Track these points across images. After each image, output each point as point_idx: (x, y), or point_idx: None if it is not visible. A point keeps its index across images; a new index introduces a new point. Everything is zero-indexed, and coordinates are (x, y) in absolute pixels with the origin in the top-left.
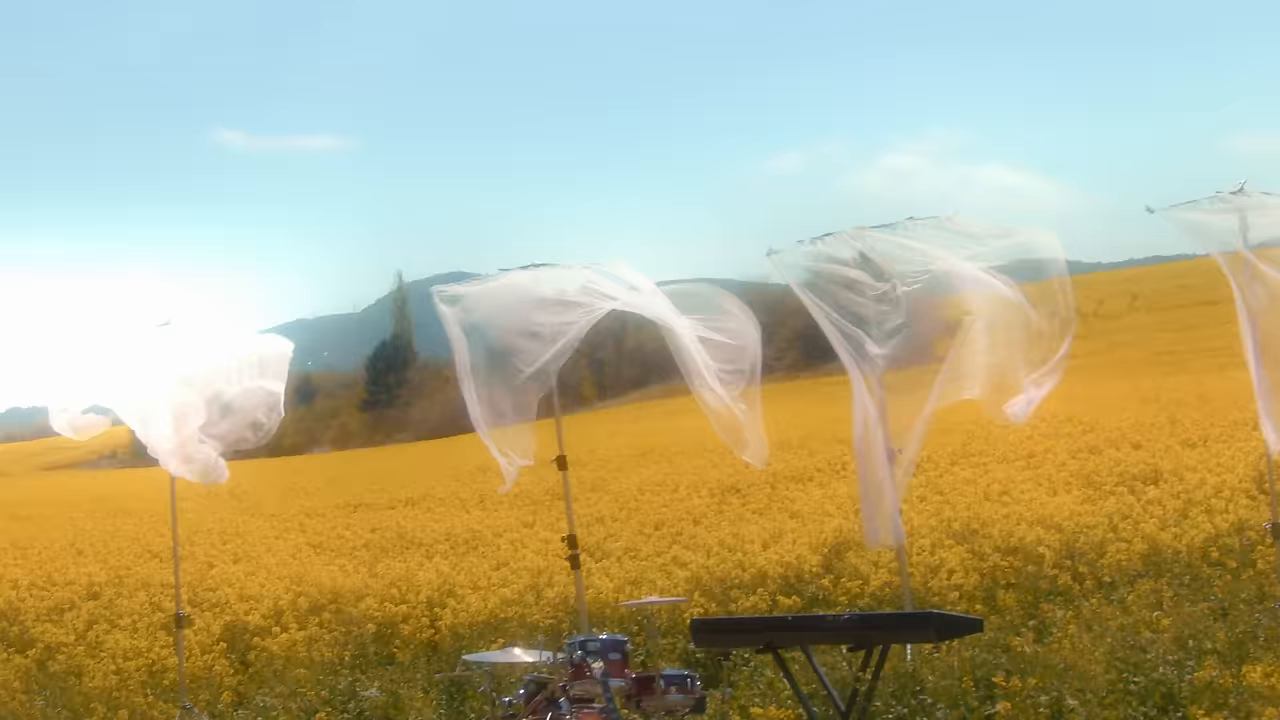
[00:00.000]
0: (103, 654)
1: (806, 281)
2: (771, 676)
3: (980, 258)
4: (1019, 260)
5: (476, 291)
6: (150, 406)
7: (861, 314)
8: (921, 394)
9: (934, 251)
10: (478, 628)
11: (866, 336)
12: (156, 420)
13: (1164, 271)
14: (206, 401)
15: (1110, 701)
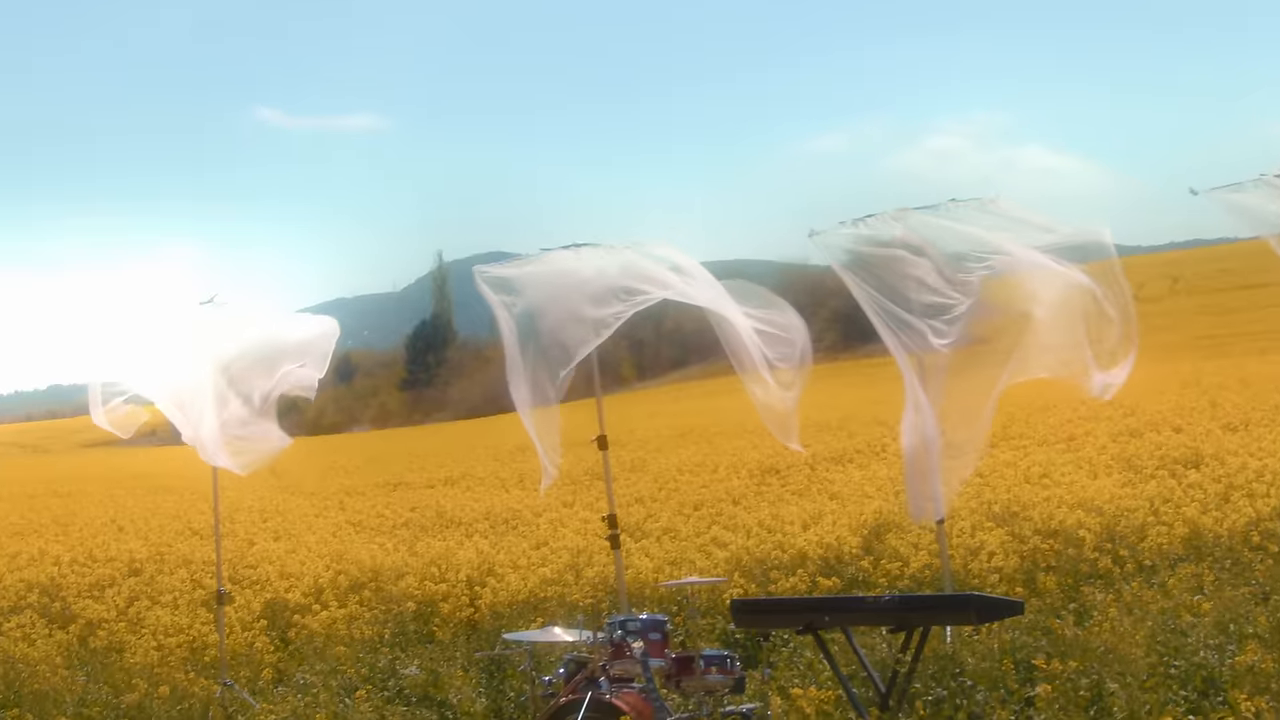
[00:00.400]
0: (144, 630)
1: (848, 263)
2: (811, 657)
3: (1031, 242)
4: (1070, 245)
5: (524, 275)
6: (190, 394)
7: (919, 299)
8: (985, 374)
9: (992, 237)
10: (517, 607)
11: (925, 324)
12: (195, 408)
13: (1205, 255)
14: (242, 394)
15: (1151, 685)
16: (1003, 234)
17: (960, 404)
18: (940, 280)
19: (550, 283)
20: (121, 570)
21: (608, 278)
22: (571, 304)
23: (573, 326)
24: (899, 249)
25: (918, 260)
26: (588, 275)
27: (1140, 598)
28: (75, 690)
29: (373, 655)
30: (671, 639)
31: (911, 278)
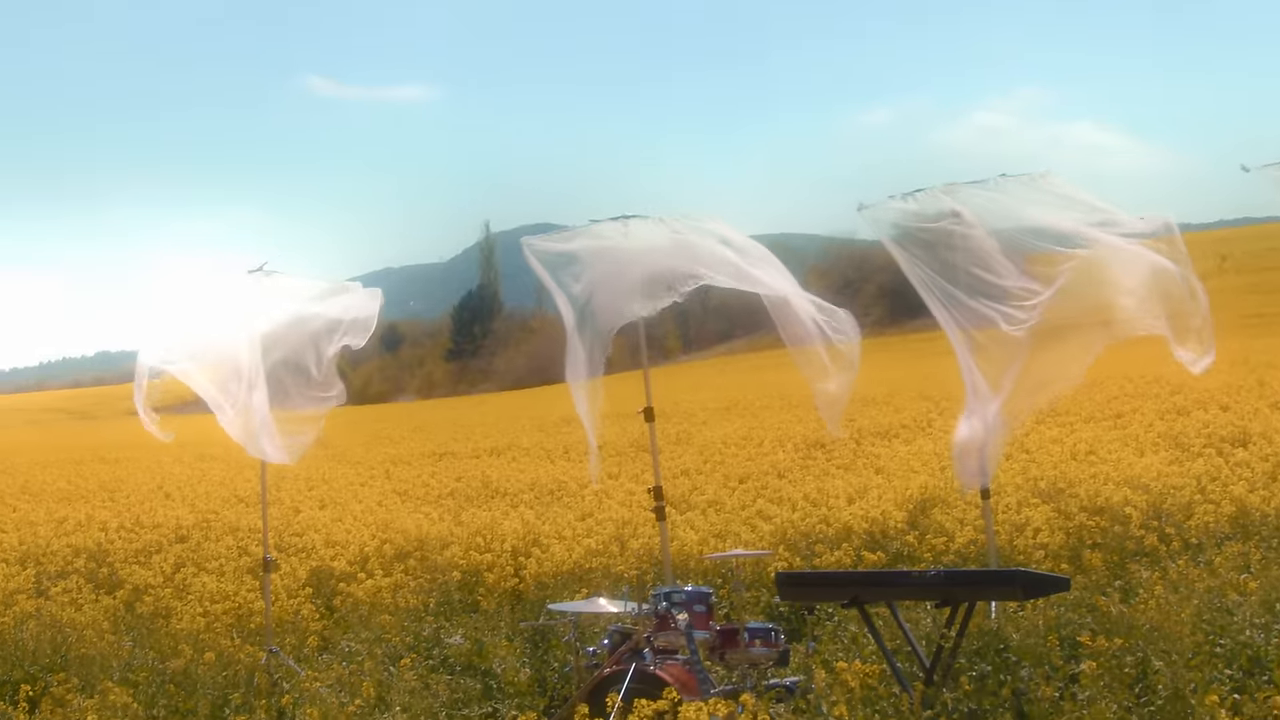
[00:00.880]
0: (190, 596)
1: (898, 237)
2: (855, 631)
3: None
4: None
5: (573, 249)
6: (233, 373)
7: (986, 279)
8: (1076, 343)
9: (1068, 223)
10: (562, 577)
11: (994, 308)
12: (239, 390)
13: (1254, 233)
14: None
15: (1196, 663)
16: (1072, 217)
17: (1028, 379)
18: (1007, 262)
19: (600, 259)
20: (168, 537)
21: (660, 257)
22: (623, 285)
23: (623, 304)
24: (954, 225)
25: (978, 239)
26: (639, 253)
27: (1186, 576)
28: (122, 655)
29: (417, 624)
30: (716, 611)
31: (973, 256)
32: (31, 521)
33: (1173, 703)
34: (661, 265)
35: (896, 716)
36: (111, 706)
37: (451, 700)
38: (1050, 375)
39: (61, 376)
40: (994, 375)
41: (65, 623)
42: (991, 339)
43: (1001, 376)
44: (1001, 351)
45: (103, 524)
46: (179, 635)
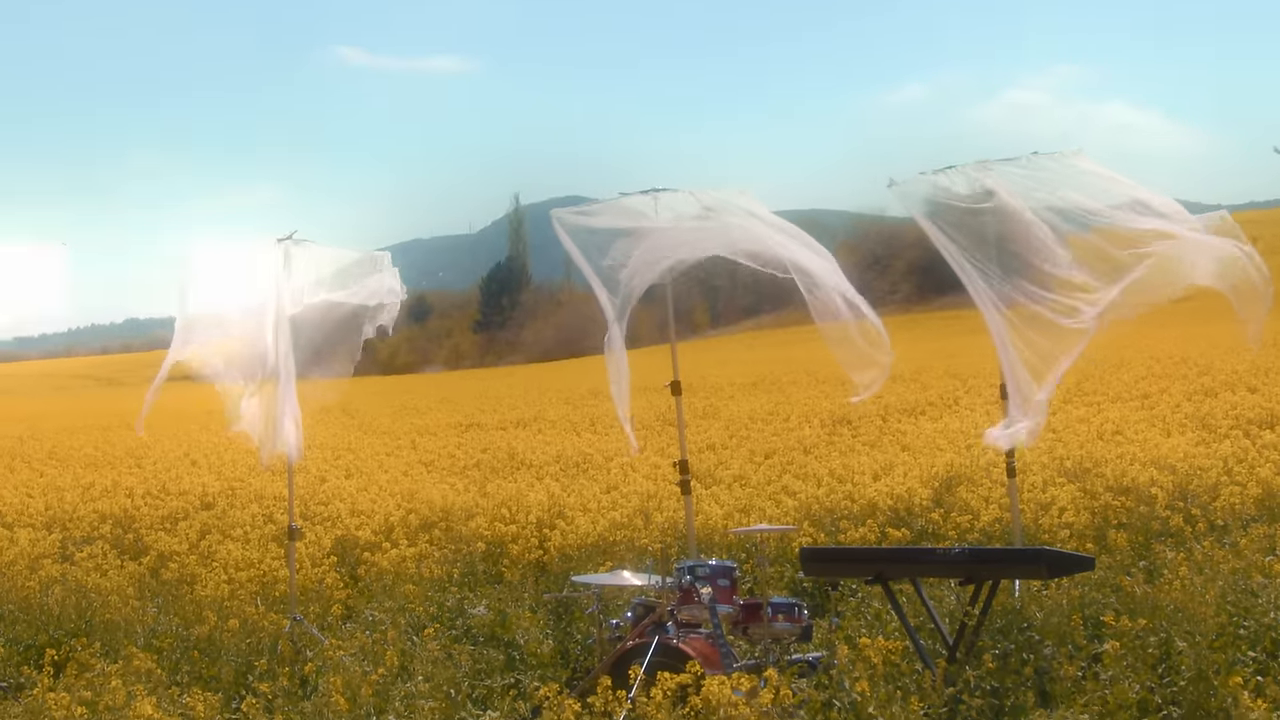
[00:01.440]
0: (215, 564)
1: (930, 213)
2: (879, 608)
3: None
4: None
5: (602, 223)
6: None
7: (1042, 269)
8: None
9: (1143, 220)
10: (586, 550)
11: (1051, 297)
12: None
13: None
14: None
15: (1220, 645)
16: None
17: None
18: (1054, 246)
19: (630, 232)
20: (194, 504)
21: (690, 234)
22: (653, 258)
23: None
24: (990, 203)
25: (1018, 216)
26: (666, 227)
27: (1211, 557)
28: (146, 621)
29: (441, 594)
30: (740, 586)
31: (1013, 234)
32: (58, 487)
33: (1195, 684)
34: (692, 242)
35: (919, 693)
36: (135, 672)
37: (474, 671)
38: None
39: (90, 343)
40: (1036, 363)
41: (90, 588)
42: (1040, 328)
43: (1050, 368)
44: (1051, 341)
45: (129, 490)
46: (203, 602)
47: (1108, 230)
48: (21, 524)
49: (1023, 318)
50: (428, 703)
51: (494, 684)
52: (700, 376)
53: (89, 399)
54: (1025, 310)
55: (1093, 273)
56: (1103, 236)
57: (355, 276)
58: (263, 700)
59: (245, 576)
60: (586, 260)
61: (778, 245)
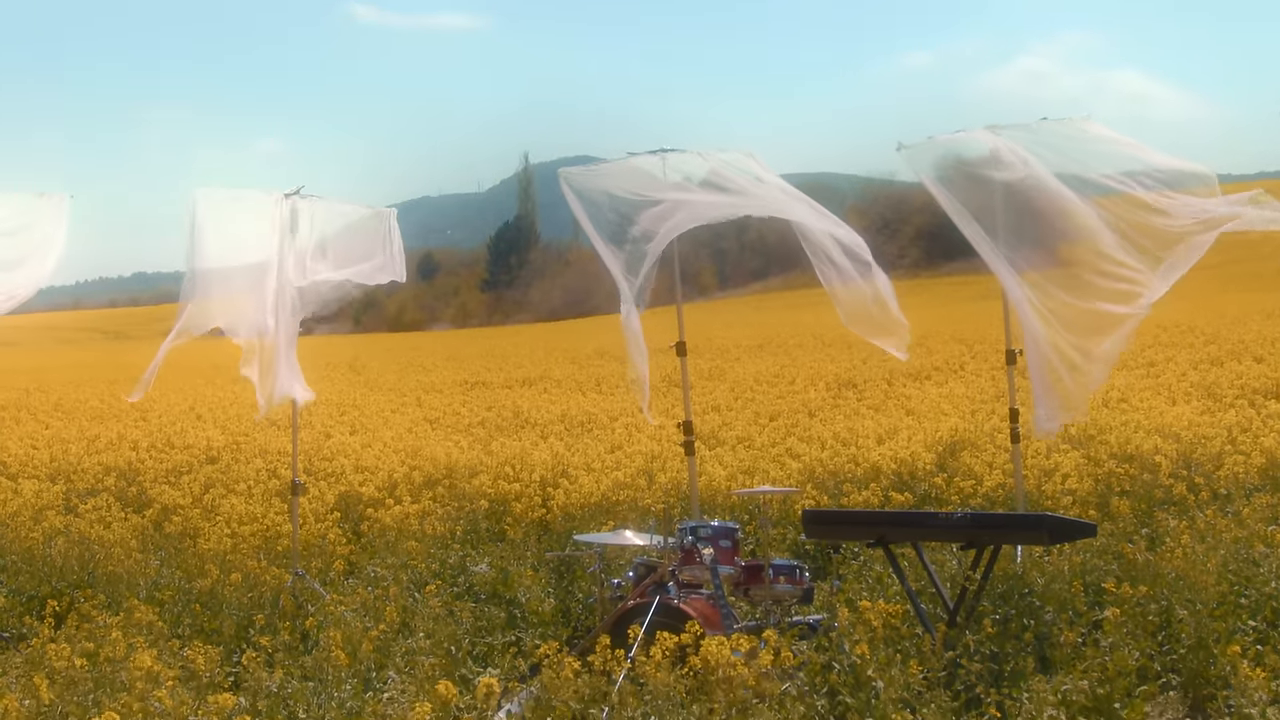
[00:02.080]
0: (218, 518)
1: (942, 178)
2: (880, 571)
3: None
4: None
5: (608, 182)
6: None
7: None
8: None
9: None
10: (589, 509)
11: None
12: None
13: None
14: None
15: (1220, 613)
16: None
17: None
18: (1083, 205)
19: (634, 191)
20: (199, 458)
21: (705, 208)
22: (660, 216)
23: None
24: (1006, 169)
25: (1034, 180)
26: (672, 186)
27: (1214, 526)
28: (149, 574)
29: (443, 551)
30: (742, 547)
31: (1027, 198)
32: (63, 439)
33: (1195, 652)
34: (700, 200)
35: (918, 656)
36: (137, 624)
37: (475, 628)
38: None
39: (98, 296)
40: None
41: (93, 540)
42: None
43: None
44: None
45: (134, 443)
46: (206, 556)
47: (1134, 200)
48: (26, 475)
49: (1055, 301)
50: (428, 659)
51: (495, 641)
52: (706, 338)
53: (96, 352)
54: (1048, 278)
55: (1139, 254)
56: (1131, 205)
57: (358, 253)
58: (263, 654)
59: (248, 531)
60: (594, 227)
61: (788, 210)
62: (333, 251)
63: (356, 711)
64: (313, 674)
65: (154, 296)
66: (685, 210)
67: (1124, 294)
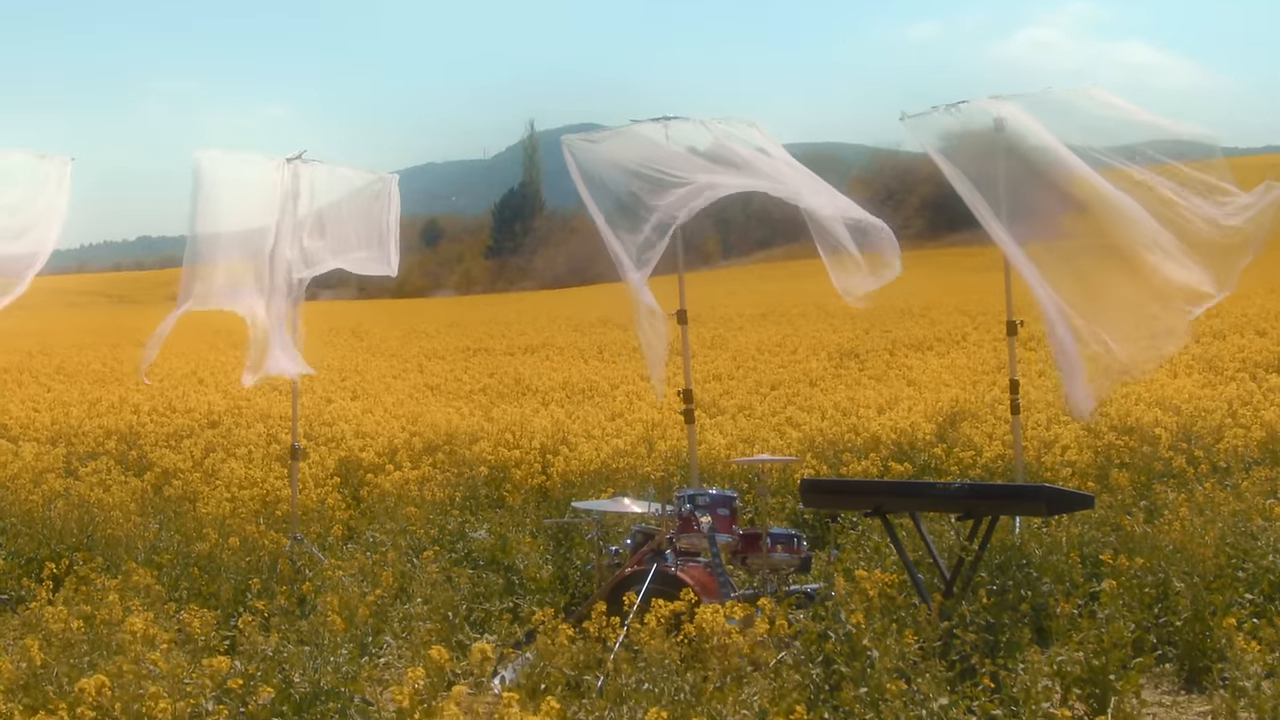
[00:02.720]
0: (218, 482)
1: (942, 148)
2: (878, 541)
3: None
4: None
5: (610, 149)
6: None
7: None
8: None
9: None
10: (589, 476)
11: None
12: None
13: None
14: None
15: (1217, 586)
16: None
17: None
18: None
19: (641, 164)
20: (200, 421)
21: (695, 162)
22: (661, 187)
23: (655, 200)
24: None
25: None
26: (675, 155)
27: (1212, 499)
28: (147, 537)
29: (442, 517)
30: (740, 516)
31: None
32: (65, 402)
33: (1192, 625)
34: (699, 166)
35: (914, 626)
36: (134, 587)
37: (473, 594)
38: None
39: (102, 260)
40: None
41: (93, 503)
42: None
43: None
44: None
45: (135, 407)
46: (205, 519)
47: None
48: (27, 438)
49: (1050, 249)
50: (425, 624)
51: (492, 608)
52: (710, 307)
53: (99, 315)
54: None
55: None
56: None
57: (354, 237)
58: (259, 618)
59: (248, 495)
60: (587, 187)
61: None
62: (330, 231)
63: (352, 676)
64: (308, 638)
65: (158, 261)
66: (698, 194)
67: (1179, 293)
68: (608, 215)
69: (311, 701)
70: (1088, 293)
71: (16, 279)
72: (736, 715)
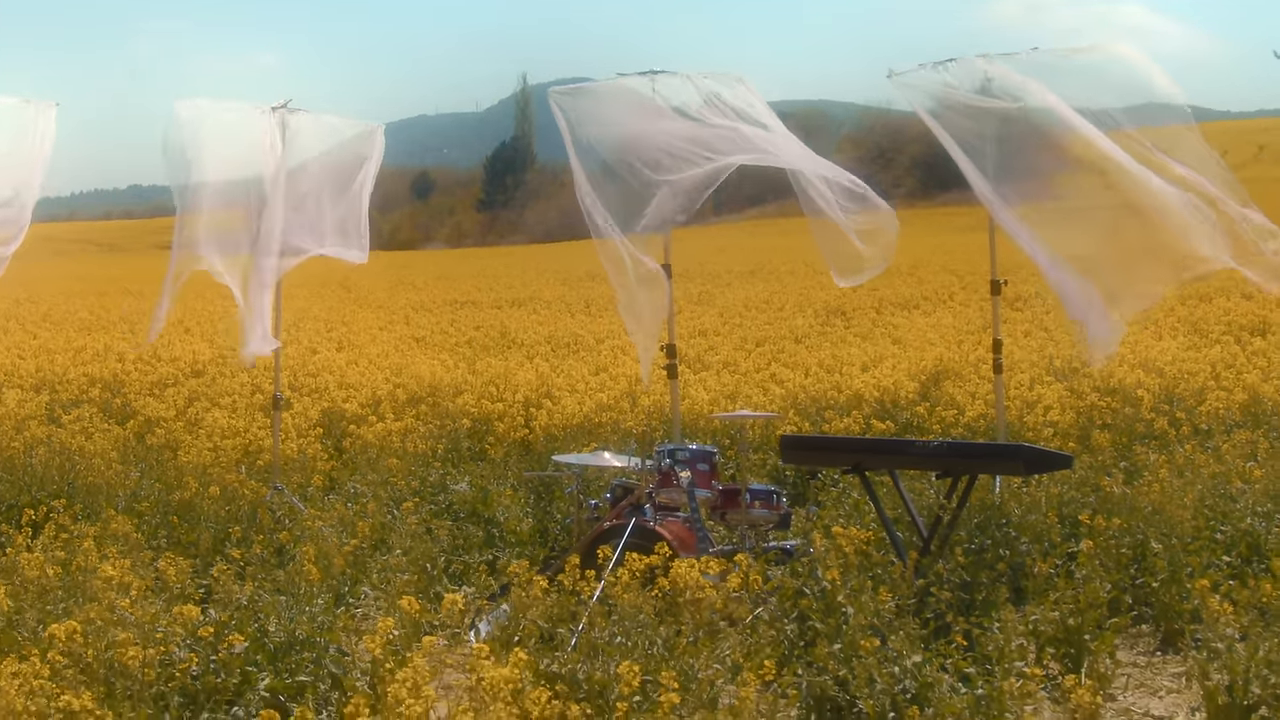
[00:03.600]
0: (200, 431)
1: (932, 109)
2: (858, 499)
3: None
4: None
5: (597, 106)
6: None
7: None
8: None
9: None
10: (571, 430)
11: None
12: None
13: None
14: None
15: (1195, 548)
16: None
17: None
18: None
19: (627, 117)
20: (184, 371)
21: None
22: (649, 148)
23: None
24: (998, 101)
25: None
26: (663, 114)
27: (1192, 461)
28: (128, 485)
29: (424, 469)
30: (721, 472)
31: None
32: (50, 349)
33: (1168, 586)
34: (688, 134)
35: (889, 584)
36: (113, 535)
37: (453, 546)
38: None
39: (93, 208)
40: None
41: (75, 450)
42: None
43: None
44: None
45: (120, 355)
46: (185, 468)
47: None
48: (10, 385)
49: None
50: (403, 575)
51: (471, 560)
52: (699, 263)
53: (89, 263)
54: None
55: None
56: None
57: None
58: (235, 567)
59: (230, 445)
60: (572, 139)
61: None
62: (310, 205)
63: (327, 626)
64: (285, 588)
65: (149, 209)
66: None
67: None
68: (591, 176)
69: (286, 651)
70: (1085, 249)
71: (3, 228)
72: (709, 670)
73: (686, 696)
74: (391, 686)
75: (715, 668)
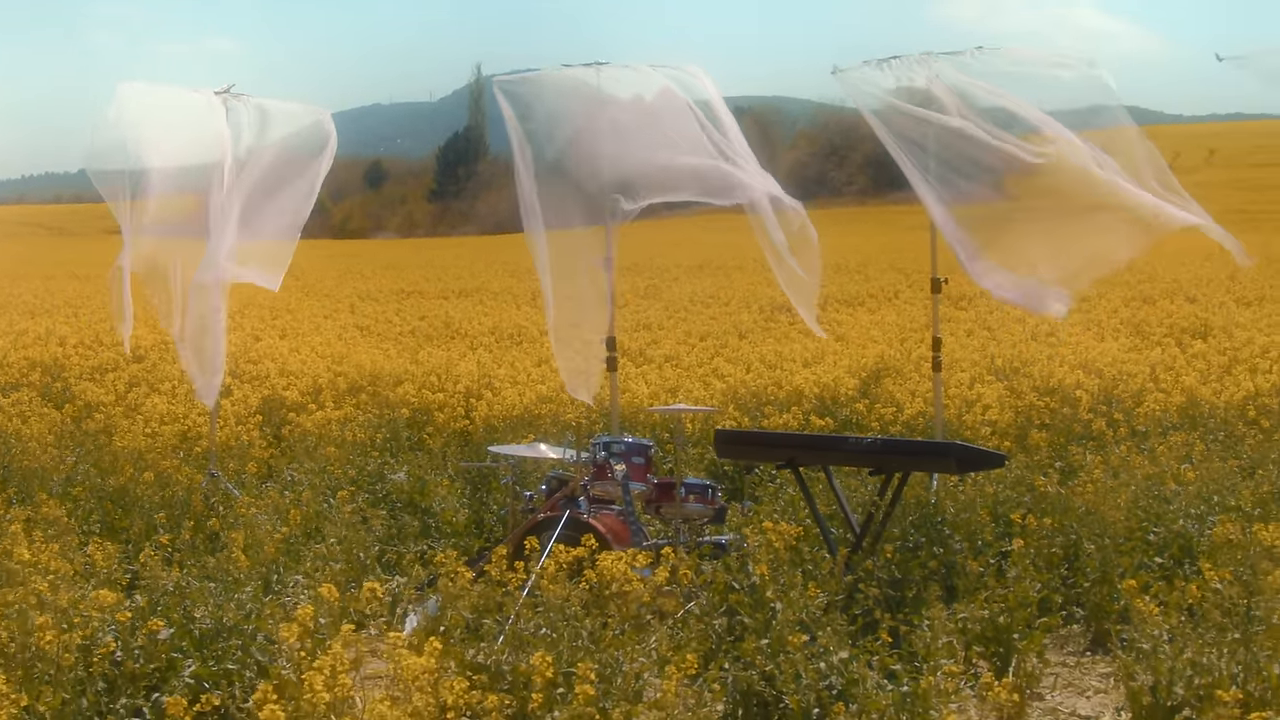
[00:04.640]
0: (139, 416)
1: (874, 108)
2: (794, 495)
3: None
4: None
5: (542, 95)
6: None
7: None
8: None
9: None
10: (511, 421)
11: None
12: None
13: (1243, 129)
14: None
15: (1127, 549)
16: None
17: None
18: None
19: (570, 111)
20: (125, 356)
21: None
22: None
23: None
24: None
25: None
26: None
27: (1127, 462)
28: (63, 470)
29: (362, 458)
30: (658, 466)
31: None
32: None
33: (1099, 586)
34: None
35: (819, 579)
36: (44, 519)
37: (388, 536)
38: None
39: (43, 191)
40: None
41: (10, 434)
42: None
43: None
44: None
45: (61, 339)
46: (121, 454)
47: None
48: None
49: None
50: (336, 564)
51: (405, 550)
52: (648, 257)
53: (37, 247)
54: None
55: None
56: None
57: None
58: (163, 553)
59: (168, 431)
60: (519, 130)
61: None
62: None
63: (255, 613)
64: (215, 575)
65: (99, 194)
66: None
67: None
68: (535, 165)
69: (214, 638)
70: (1024, 246)
71: None
72: (634, 663)
73: (609, 689)
74: (307, 675)
75: (641, 661)
